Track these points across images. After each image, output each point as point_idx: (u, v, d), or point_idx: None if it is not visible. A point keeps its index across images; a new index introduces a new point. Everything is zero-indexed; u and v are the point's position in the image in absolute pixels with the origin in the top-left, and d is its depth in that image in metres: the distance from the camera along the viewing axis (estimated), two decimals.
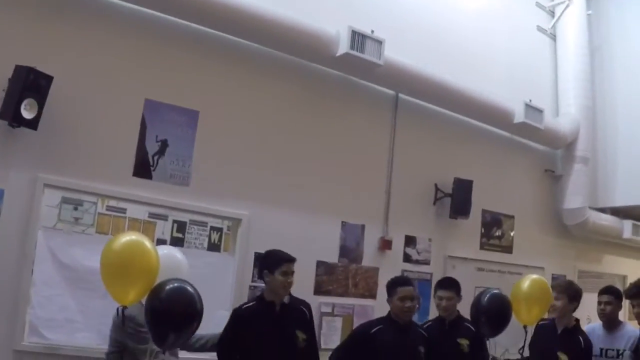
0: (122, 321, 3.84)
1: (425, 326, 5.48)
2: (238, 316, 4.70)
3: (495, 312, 5.02)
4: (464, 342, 5.17)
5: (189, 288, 3.98)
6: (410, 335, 5.06)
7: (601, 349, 5.41)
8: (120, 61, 5.61)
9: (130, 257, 3.81)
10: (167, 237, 7.38)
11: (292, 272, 4.75)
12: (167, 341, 3.87)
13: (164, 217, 7.24)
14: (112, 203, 6.58)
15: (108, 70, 5.54)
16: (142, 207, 6.46)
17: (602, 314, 5.54)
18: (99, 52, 5.50)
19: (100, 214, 6.87)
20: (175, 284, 3.92)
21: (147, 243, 3.94)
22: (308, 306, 4.96)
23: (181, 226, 7.48)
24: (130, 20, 5.65)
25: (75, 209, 5.94)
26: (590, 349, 5.25)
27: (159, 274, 3.91)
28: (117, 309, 3.84)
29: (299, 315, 4.86)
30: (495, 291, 5.20)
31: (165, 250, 4.37)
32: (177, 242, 7.41)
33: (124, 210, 6.82)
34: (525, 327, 5.04)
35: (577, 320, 5.39)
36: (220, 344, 4.71)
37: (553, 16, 9.85)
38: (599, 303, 5.57)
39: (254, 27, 6.07)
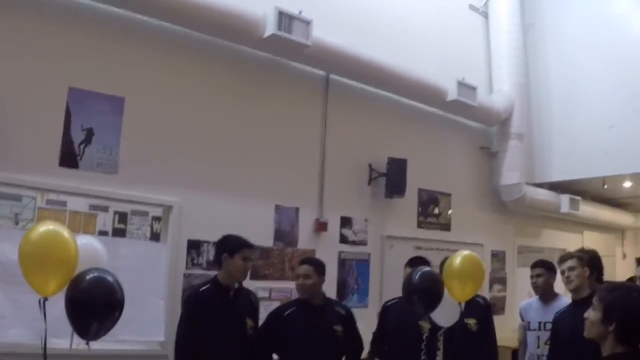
0: (44, 313, 3.74)
1: (389, 304, 5.55)
2: (197, 298, 4.66)
3: (426, 290, 4.99)
4: (425, 326, 5.17)
5: (109, 277, 3.89)
6: (323, 314, 5.09)
7: (539, 323, 5.48)
8: (42, 49, 5.45)
9: (48, 247, 3.71)
10: (109, 229, 7.28)
11: (252, 260, 4.87)
12: (90, 331, 3.79)
13: (105, 209, 7.13)
14: (52, 196, 6.46)
15: (29, 59, 5.38)
16: (80, 199, 6.36)
17: (535, 287, 5.66)
18: (19, 42, 5.33)
19: (40, 209, 6.74)
20: (95, 274, 3.84)
21: (65, 233, 3.83)
22: (255, 296, 5.05)
23: (122, 217, 7.39)
24: (50, 6, 5.49)
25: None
26: (489, 305, 5.59)
27: (78, 264, 3.82)
28: (39, 301, 3.73)
29: (248, 303, 4.91)
30: (426, 269, 5.17)
31: (85, 241, 4.26)
32: (119, 232, 7.32)
33: (64, 204, 6.70)
34: (460, 304, 5.03)
35: None
36: (183, 326, 4.63)
37: None
38: (531, 277, 5.69)
39: (178, 10, 5.93)
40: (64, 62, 5.57)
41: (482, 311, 5.40)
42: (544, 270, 5.62)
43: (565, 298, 5.66)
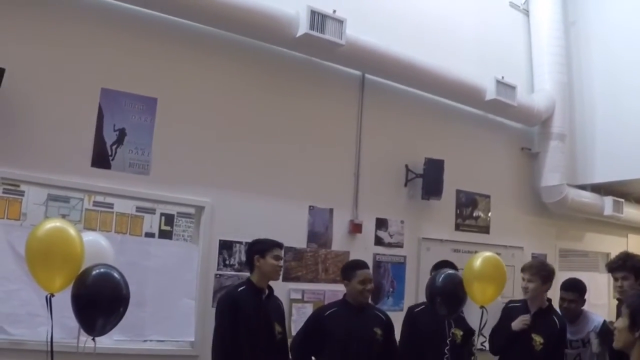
0: (50, 309, 3.74)
1: (417, 310, 5.48)
2: (235, 298, 4.71)
3: (449, 292, 4.94)
4: (458, 333, 5.12)
5: (115, 273, 4.00)
6: (365, 316, 5.13)
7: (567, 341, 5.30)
8: (74, 50, 5.49)
9: (53, 244, 3.79)
10: (156, 231, 7.32)
11: (282, 259, 4.93)
12: (95, 326, 3.87)
13: (152, 211, 7.17)
14: (99, 198, 6.50)
15: (62, 60, 5.42)
16: (127, 202, 6.39)
17: (565, 311, 5.37)
18: (52, 43, 5.38)
19: (88, 210, 6.80)
20: (101, 270, 3.95)
21: (71, 230, 3.91)
22: (281, 302, 5.10)
23: (169, 219, 7.41)
24: (83, 8, 5.54)
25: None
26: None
27: (84, 260, 3.88)
28: (46, 297, 3.78)
29: (277, 308, 4.99)
30: (450, 271, 5.10)
31: (91, 237, 4.35)
32: (165, 234, 7.36)
33: (111, 205, 6.75)
34: (482, 307, 4.90)
35: (550, 300, 5.29)
36: (224, 330, 4.65)
37: None
38: (563, 300, 5.42)
39: (210, 10, 5.92)
40: (96, 63, 5.60)
41: (554, 333, 5.11)
42: (578, 295, 5.39)
43: (591, 314, 5.47)
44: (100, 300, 3.84)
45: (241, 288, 4.80)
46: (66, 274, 3.81)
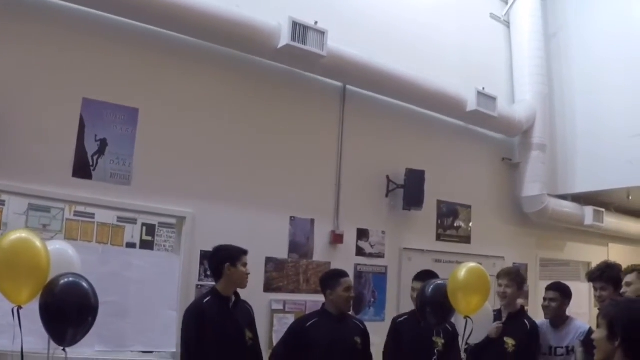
0: (19, 323, 3.70)
1: (400, 320, 5.51)
2: (201, 310, 4.65)
3: (438, 302, 4.97)
4: (438, 341, 5.12)
5: (83, 283, 3.94)
6: (345, 326, 5.17)
7: (550, 347, 5.35)
8: (56, 60, 5.49)
9: (18, 255, 3.70)
10: (137, 241, 7.30)
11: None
12: (66, 337, 3.82)
13: (133, 221, 7.14)
14: (80, 208, 6.48)
15: (43, 70, 5.42)
16: (108, 212, 6.37)
17: (546, 310, 5.48)
18: (33, 53, 5.38)
19: (68, 220, 6.77)
20: (68, 279, 3.89)
21: (36, 241, 3.82)
22: (251, 306, 5.03)
23: (150, 229, 7.39)
24: (65, 18, 5.53)
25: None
26: (536, 331, 5.33)
27: (51, 270, 3.81)
28: (12, 310, 3.69)
29: (247, 314, 4.93)
30: (439, 282, 5.13)
31: (57, 246, 4.27)
32: (146, 245, 7.34)
33: (92, 215, 6.72)
34: (466, 318, 4.92)
35: (522, 306, 5.51)
36: (189, 342, 4.62)
37: (507, 3, 9.81)
38: (544, 299, 5.53)
39: (192, 21, 5.95)
40: (78, 73, 5.60)
41: (525, 335, 5.24)
42: (558, 295, 5.45)
43: (578, 321, 5.51)
44: (68, 310, 3.76)
45: (207, 299, 4.73)
46: (33, 285, 3.72)
